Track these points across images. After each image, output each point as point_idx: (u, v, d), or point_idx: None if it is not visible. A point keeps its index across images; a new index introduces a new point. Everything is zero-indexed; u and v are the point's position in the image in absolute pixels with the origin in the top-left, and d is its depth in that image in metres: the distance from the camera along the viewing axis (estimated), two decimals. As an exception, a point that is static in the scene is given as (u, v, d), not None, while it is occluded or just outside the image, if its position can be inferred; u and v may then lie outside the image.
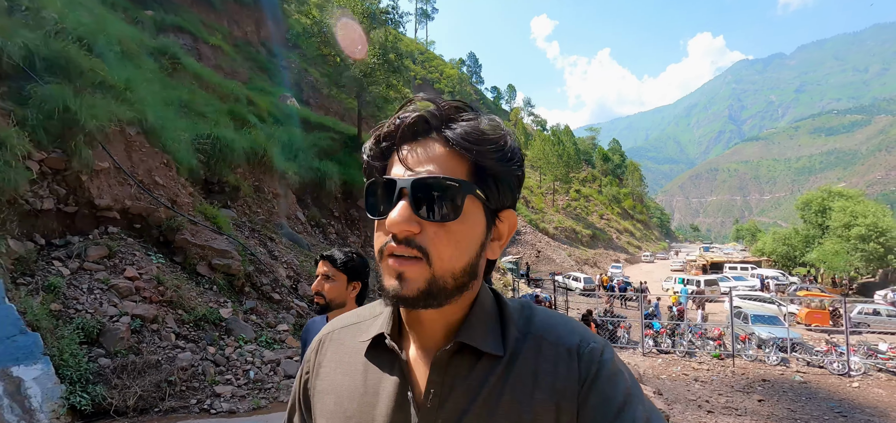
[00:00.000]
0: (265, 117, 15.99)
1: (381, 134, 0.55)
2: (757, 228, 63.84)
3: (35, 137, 5.56)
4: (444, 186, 0.51)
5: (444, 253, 0.51)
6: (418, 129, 0.53)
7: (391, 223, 0.50)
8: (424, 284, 0.50)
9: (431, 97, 0.56)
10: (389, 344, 0.58)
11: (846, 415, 7.83)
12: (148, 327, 5.01)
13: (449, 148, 0.52)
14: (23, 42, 5.82)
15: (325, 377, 0.64)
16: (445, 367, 0.55)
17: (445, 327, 0.56)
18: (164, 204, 7.04)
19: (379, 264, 0.54)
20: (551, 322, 0.58)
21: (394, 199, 0.51)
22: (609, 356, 0.54)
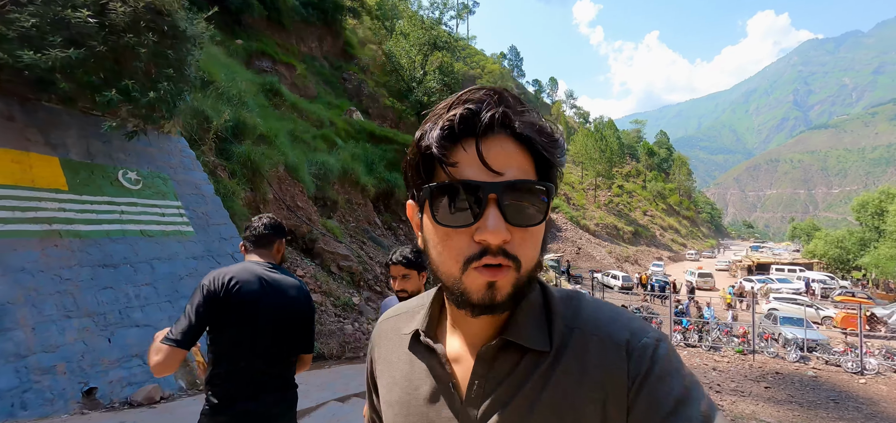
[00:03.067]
0: (343, 137, 18.99)
1: (452, 126, 0.49)
2: (815, 226, 60.86)
3: (237, 181, 8.49)
4: (535, 190, 0.50)
5: (530, 256, 0.51)
6: (493, 123, 0.49)
7: (490, 234, 0.47)
8: (512, 289, 0.50)
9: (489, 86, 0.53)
10: (425, 341, 0.60)
11: (838, 402, 9.45)
12: (321, 306, 7.79)
13: (518, 145, 0.50)
14: (228, 116, 8.75)
15: (381, 364, 0.67)
16: (491, 362, 0.55)
17: (492, 323, 0.55)
18: (304, 222, 9.92)
19: (455, 274, 0.50)
20: (600, 316, 0.55)
21: (473, 205, 0.48)
22: (664, 352, 0.51)
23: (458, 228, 0.49)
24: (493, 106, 0.49)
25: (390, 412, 0.62)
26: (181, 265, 5.21)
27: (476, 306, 0.50)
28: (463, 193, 0.48)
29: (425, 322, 0.61)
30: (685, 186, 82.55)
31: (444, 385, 0.57)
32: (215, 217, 6.34)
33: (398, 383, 0.62)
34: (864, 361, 12.29)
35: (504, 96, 0.51)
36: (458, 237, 0.50)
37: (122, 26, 4.53)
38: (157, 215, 5.36)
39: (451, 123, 0.49)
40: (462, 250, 0.49)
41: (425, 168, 0.52)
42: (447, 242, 0.50)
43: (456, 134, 0.49)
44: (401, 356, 0.64)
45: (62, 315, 3.78)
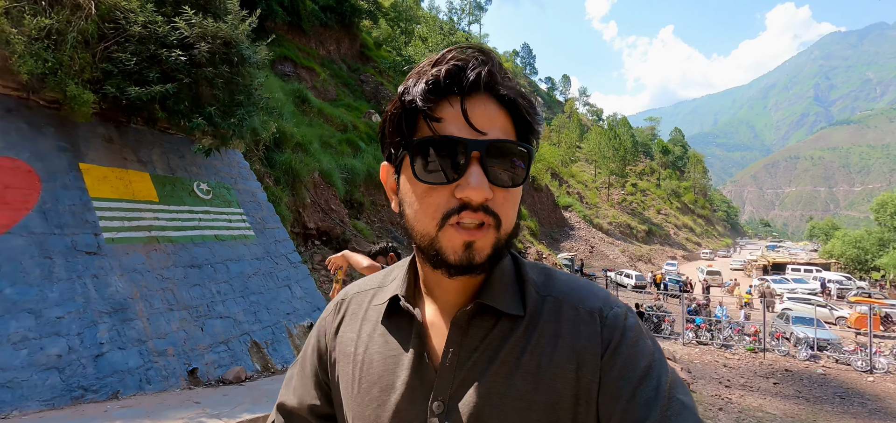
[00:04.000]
0: (365, 140, 19.78)
1: (439, 79, 0.48)
2: (834, 226, 59.91)
3: (281, 187, 9.28)
4: (517, 150, 0.50)
5: (509, 216, 0.51)
6: (477, 82, 0.48)
7: (473, 191, 0.47)
8: (491, 249, 0.50)
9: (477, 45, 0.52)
10: (404, 305, 0.57)
11: (844, 398, 9.88)
12: (356, 304, 8.55)
13: (501, 106, 0.50)
14: (275, 128, 9.55)
15: (344, 338, 0.63)
16: (466, 327, 0.54)
17: (466, 288, 0.55)
18: (338, 223, 10.69)
19: (431, 232, 0.50)
20: (572, 285, 0.57)
21: (460, 161, 0.48)
22: (633, 321, 0.54)
23: (438, 184, 0.48)
24: (479, 65, 0.49)
25: (355, 389, 0.59)
26: (248, 265, 5.99)
27: (453, 266, 0.49)
28: (446, 148, 0.48)
29: (404, 287, 0.59)
30: (700, 185, 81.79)
31: (419, 354, 0.56)
32: (270, 222, 7.12)
33: (368, 358, 0.59)
34: (874, 360, 12.61)
35: (490, 57, 0.51)
36: (438, 193, 0.49)
37: (204, 61, 5.30)
38: (225, 222, 6.15)
39: (437, 77, 0.48)
40: (440, 206, 0.49)
41: (407, 123, 0.51)
42: (425, 198, 0.49)
43: (441, 89, 0.48)
44: (370, 330, 0.61)
45: (166, 308, 4.57)
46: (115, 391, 3.70)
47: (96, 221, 4.48)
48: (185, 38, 5.19)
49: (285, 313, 6.07)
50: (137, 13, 4.98)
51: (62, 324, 3.67)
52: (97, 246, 4.33)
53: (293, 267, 6.93)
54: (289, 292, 6.44)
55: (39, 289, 3.68)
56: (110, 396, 3.64)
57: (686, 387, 0.53)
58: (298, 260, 7.25)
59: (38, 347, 3.44)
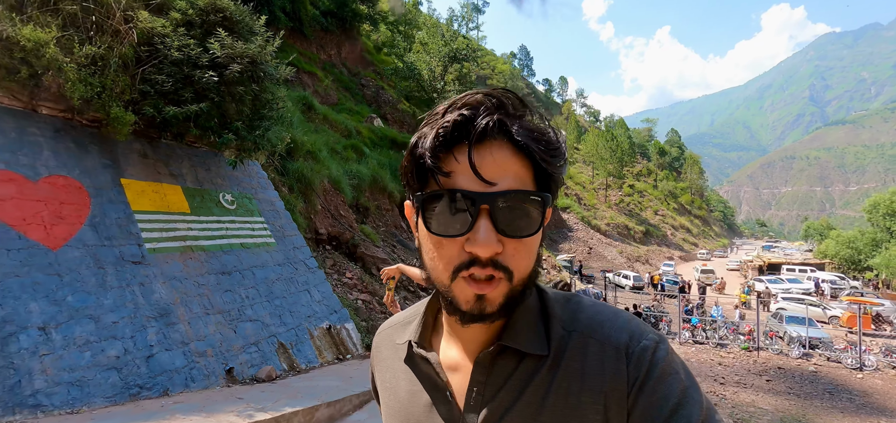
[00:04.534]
0: (369, 145, 20.17)
1: (445, 133, 0.49)
2: (829, 226, 60.69)
3: (295, 195, 9.65)
4: (528, 201, 0.49)
5: (523, 266, 0.50)
6: (488, 131, 0.48)
7: (480, 246, 0.47)
8: (503, 299, 0.50)
9: (488, 89, 0.51)
10: (417, 353, 0.59)
11: (833, 394, 10.33)
12: (368, 304, 8.93)
13: (515, 151, 0.49)
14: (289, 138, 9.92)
15: (381, 372, 0.67)
16: (489, 367, 0.54)
17: (489, 329, 0.55)
18: (347, 228, 11.07)
19: (445, 281, 0.50)
20: (599, 319, 0.55)
21: (465, 214, 0.48)
22: (662, 354, 0.51)
23: (450, 237, 0.48)
24: (489, 112, 0.48)
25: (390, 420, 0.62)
26: (271, 272, 6.37)
27: (465, 314, 0.50)
28: (455, 202, 0.48)
29: (418, 333, 0.60)
30: (697, 185, 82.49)
31: (442, 394, 0.57)
32: (288, 229, 7.50)
33: (397, 394, 0.62)
34: (864, 357, 13.08)
35: (502, 101, 0.50)
36: (450, 246, 0.49)
37: (234, 80, 5.68)
38: (249, 230, 6.53)
39: (445, 130, 0.48)
40: (452, 259, 0.49)
41: (419, 174, 0.51)
42: (439, 250, 0.50)
43: (449, 141, 0.48)
44: (398, 366, 0.63)
45: (203, 312, 4.95)
46: (166, 388, 4.08)
47: (139, 232, 4.86)
48: (216, 58, 5.57)
49: (306, 316, 6.45)
50: (173, 38, 5.36)
51: (117, 328, 4.04)
52: (141, 256, 4.71)
53: (311, 272, 7.31)
54: (308, 296, 6.82)
55: (96, 296, 4.05)
56: (162, 393, 4.02)
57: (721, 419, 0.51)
58: (315, 265, 7.62)
59: (99, 349, 3.82)
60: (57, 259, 3.95)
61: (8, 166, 4.06)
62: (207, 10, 6.01)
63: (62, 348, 3.58)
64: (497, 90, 0.51)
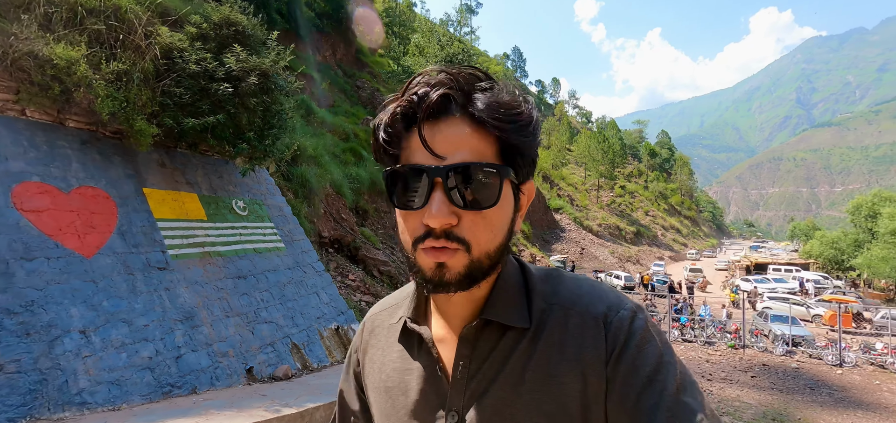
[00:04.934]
0: (367, 148, 20.40)
1: (397, 113, 0.51)
2: (814, 226, 62.10)
3: (299, 199, 9.92)
4: (482, 173, 0.49)
5: (482, 238, 0.51)
6: (440, 107, 0.49)
7: (431, 218, 0.48)
8: (464, 269, 0.50)
9: (442, 67, 0.52)
10: (411, 327, 0.62)
11: (813, 389, 10.86)
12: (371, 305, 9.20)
13: (474, 125, 0.50)
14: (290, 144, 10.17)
15: (372, 355, 0.68)
16: (473, 341, 0.56)
17: (472, 303, 0.57)
18: (349, 232, 11.35)
19: (410, 252, 0.53)
20: (579, 291, 0.57)
21: (425, 188, 0.49)
22: (640, 323, 0.53)
23: (410, 211, 0.51)
24: (439, 88, 0.49)
25: (382, 402, 0.63)
26: (282, 275, 6.65)
27: (428, 282, 0.51)
28: (411, 177, 0.50)
29: (411, 308, 0.63)
30: (687, 186, 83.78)
31: (432, 369, 0.59)
32: (296, 234, 7.78)
33: (389, 373, 0.63)
34: (843, 354, 13.68)
35: (457, 77, 0.50)
36: (412, 219, 0.51)
37: (248, 92, 5.96)
38: (260, 236, 6.80)
39: (401, 108, 0.50)
40: (413, 231, 0.51)
41: (383, 154, 0.54)
42: (404, 223, 0.53)
43: (407, 119, 0.50)
44: (390, 346, 0.65)
45: (223, 315, 5.23)
46: (194, 386, 4.36)
47: (162, 239, 5.12)
48: (231, 71, 5.85)
49: (316, 318, 6.74)
50: (190, 52, 5.62)
51: (148, 331, 4.31)
52: (165, 262, 4.97)
53: (318, 275, 7.60)
54: (317, 298, 7.11)
55: (128, 301, 4.32)
56: (191, 391, 4.30)
57: (697, 387, 0.52)
58: (322, 269, 7.91)
59: (134, 351, 4.09)
60: (91, 266, 4.21)
61: (42, 178, 4.31)
62: (221, 24, 6.28)
63: (101, 350, 3.85)
64: (455, 68, 0.52)
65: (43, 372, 3.38)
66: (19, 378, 3.23)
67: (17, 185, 4.05)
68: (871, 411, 9.68)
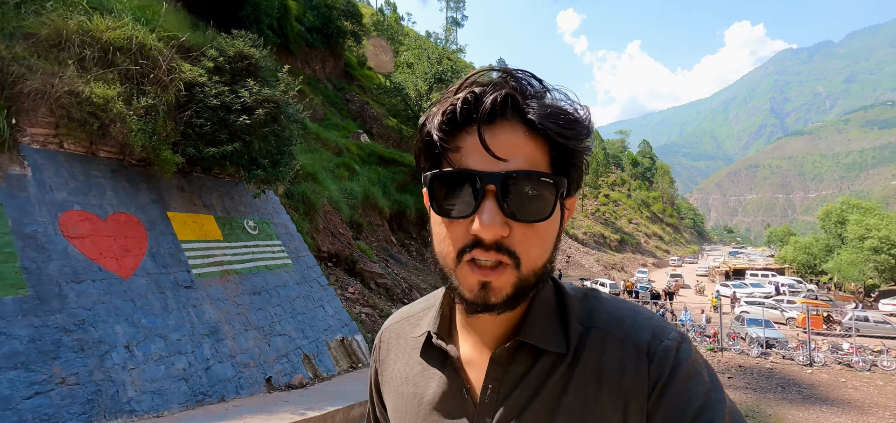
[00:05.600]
0: (358, 162, 20.88)
1: (454, 111, 0.48)
2: (790, 232, 64.58)
3: (301, 216, 10.33)
4: (539, 183, 0.46)
5: (533, 254, 0.48)
6: (499, 109, 0.47)
7: (483, 228, 0.45)
8: (512, 289, 0.47)
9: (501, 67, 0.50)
10: (437, 344, 0.58)
11: (784, 388, 11.65)
12: (371, 317, 9.67)
13: (529, 132, 0.47)
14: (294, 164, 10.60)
15: (390, 368, 0.64)
16: (506, 364, 0.53)
17: (505, 323, 0.54)
18: (346, 246, 11.79)
19: (449, 266, 0.49)
20: (619, 315, 0.53)
21: (475, 195, 0.46)
22: (686, 354, 0.49)
23: (454, 219, 0.48)
24: (499, 89, 0.47)
25: (400, 420, 0.60)
26: (292, 290, 7.09)
27: (469, 303, 0.49)
28: (461, 182, 0.47)
29: (437, 323, 0.59)
30: (668, 194, 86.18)
31: (457, 390, 0.55)
32: (301, 250, 8.21)
33: (408, 390, 0.60)
34: (813, 355, 14.60)
35: (516, 79, 0.48)
36: (456, 228, 0.48)
37: (261, 122, 6.43)
38: (270, 253, 7.23)
39: (454, 107, 0.47)
40: (456, 241, 0.48)
41: (429, 155, 0.50)
42: (446, 231, 0.49)
43: (458, 120, 0.47)
44: (411, 361, 0.62)
45: (243, 329, 5.65)
46: (222, 395, 4.78)
47: (187, 260, 5.54)
48: (246, 103, 6.32)
49: (323, 330, 7.18)
50: (210, 86, 6.09)
51: (181, 345, 4.73)
52: (191, 281, 5.39)
53: (323, 289, 8.04)
54: (323, 311, 7.55)
55: (162, 318, 4.73)
56: (220, 399, 4.72)
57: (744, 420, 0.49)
58: (326, 283, 8.35)
59: (170, 363, 4.50)
60: (129, 287, 4.62)
61: (82, 207, 4.72)
62: (236, 58, 6.77)
63: (143, 363, 4.25)
64: (511, 69, 0.50)
65: (97, 384, 3.79)
66: (79, 390, 3.64)
67: (62, 213, 4.45)
68: (835, 406, 10.48)
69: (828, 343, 17.26)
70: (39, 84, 4.68)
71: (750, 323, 17.99)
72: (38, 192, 4.34)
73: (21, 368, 3.39)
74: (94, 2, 5.82)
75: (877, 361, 14.19)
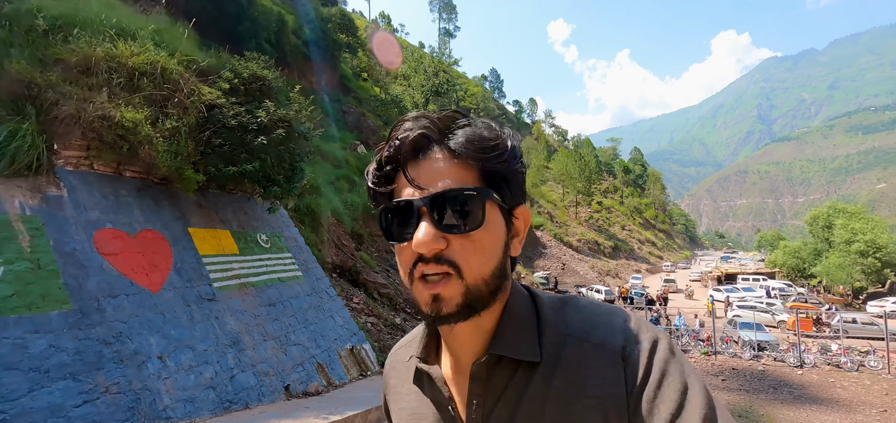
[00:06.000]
0: (357, 173, 21.16)
1: (383, 158, 0.55)
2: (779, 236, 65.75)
3: (307, 228, 10.60)
4: (462, 197, 0.51)
5: (474, 263, 0.51)
6: (420, 145, 0.53)
7: (418, 244, 0.50)
8: (461, 297, 0.51)
9: (422, 112, 0.57)
10: (419, 366, 0.61)
11: (776, 389, 12.05)
12: (376, 326, 9.92)
13: (455, 159, 0.53)
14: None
15: (393, 397, 0.69)
16: (486, 379, 0.55)
17: (481, 337, 0.56)
18: (350, 257, 12.05)
19: (411, 289, 0.54)
20: (593, 321, 0.55)
21: (413, 220, 0.51)
22: (662, 354, 0.51)
23: (402, 243, 0.53)
24: (418, 129, 0.53)
25: None
26: (303, 301, 7.35)
27: (427, 316, 0.52)
28: (397, 213, 0.53)
29: (420, 347, 0.63)
30: (660, 200, 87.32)
31: (445, 409, 0.58)
32: (310, 262, 8.48)
33: (407, 414, 0.64)
34: (803, 356, 15.06)
35: (429, 118, 0.54)
36: (404, 252, 0.53)
37: (277, 141, 6.74)
38: (282, 266, 7.50)
39: (381, 159, 0.55)
40: (407, 262, 0.52)
41: (375, 197, 0.56)
42: (399, 256, 0.55)
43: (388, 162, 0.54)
44: (408, 386, 0.65)
45: (262, 339, 5.91)
46: (246, 402, 5.03)
47: (208, 274, 5.80)
48: (263, 124, 6.64)
49: (334, 339, 7.44)
50: (228, 108, 6.40)
51: (207, 355, 4.98)
52: (213, 294, 5.65)
53: (332, 300, 8.30)
54: (333, 321, 7.81)
55: (189, 330, 4.99)
56: (244, 406, 4.96)
57: (726, 416, 0.50)
58: (334, 294, 8.61)
59: (199, 372, 4.75)
60: (159, 300, 4.88)
61: (113, 225, 4.98)
62: (250, 79, 7.09)
63: (175, 373, 4.50)
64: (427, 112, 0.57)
65: (136, 393, 4.04)
66: (121, 399, 3.89)
67: (96, 231, 4.71)
68: (824, 405, 10.89)
69: (818, 345, 17.76)
70: (73, 109, 4.97)
71: (742, 327, 18.44)
72: (73, 212, 4.60)
73: (70, 378, 3.64)
74: (117, 26, 6.13)
75: (864, 361, 14.66)
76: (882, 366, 14.16)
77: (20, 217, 4.08)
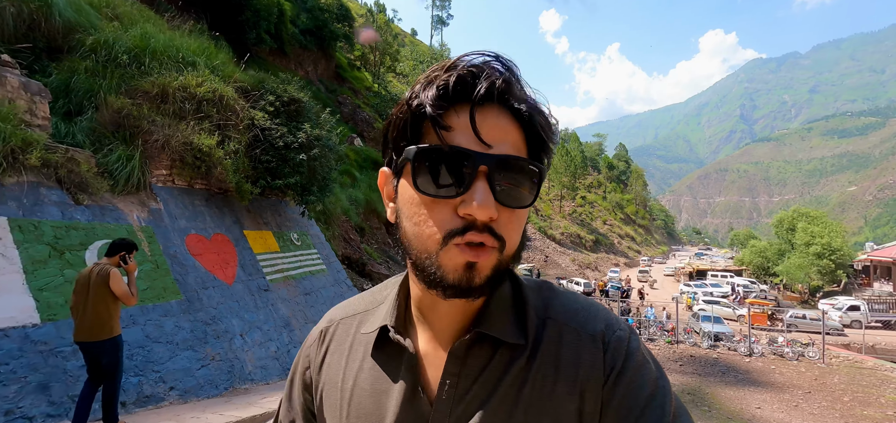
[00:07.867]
0: (357, 168, 22.37)
1: (447, 87, 0.46)
2: (751, 235, 69.28)
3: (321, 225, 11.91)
4: (528, 170, 0.47)
5: (514, 239, 0.48)
6: (492, 93, 0.46)
7: (476, 209, 0.44)
8: (491, 272, 0.47)
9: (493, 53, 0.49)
10: (394, 337, 0.55)
11: (724, 373, 14.02)
12: (384, 315, 11.37)
13: (514, 122, 0.48)
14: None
15: (332, 372, 0.60)
16: (464, 358, 0.52)
17: (463, 314, 0.52)
18: (357, 250, 13.42)
19: (431, 248, 0.47)
20: (573, 307, 0.55)
21: (465, 176, 0.45)
22: (636, 344, 0.52)
23: (441, 199, 0.46)
24: (493, 75, 0.46)
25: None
26: (330, 291, 8.75)
27: (450, 287, 0.46)
28: (452, 160, 0.45)
29: (393, 316, 0.56)
30: (641, 197, 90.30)
31: (411, 387, 0.53)
32: (331, 257, 9.86)
33: (358, 395, 0.56)
34: (753, 346, 17.17)
35: (507, 67, 0.48)
36: (441, 208, 0.46)
37: (316, 157, 8.06)
38: (311, 261, 8.86)
39: (447, 83, 0.46)
40: (444, 223, 0.46)
41: (413, 130, 0.48)
42: (428, 212, 0.46)
43: (450, 97, 0.46)
44: (358, 362, 0.58)
45: (305, 322, 7.31)
46: (299, 371, 6.45)
47: (261, 269, 7.15)
48: (303, 142, 7.93)
49: (355, 324, 8.87)
50: (275, 129, 7.68)
51: (270, 333, 6.36)
52: (267, 286, 7.01)
53: (350, 289, 9.71)
54: (353, 308, 9.23)
55: (255, 314, 6.35)
56: (299, 374, 6.39)
57: (688, 414, 0.52)
58: (351, 285, 10.02)
59: (267, 348, 6.14)
60: (233, 291, 6.22)
61: (196, 231, 6.28)
62: (288, 102, 8.35)
63: (252, 347, 5.89)
64: (502, 57, 0.50)
65: (230, 361, 5.42)
66: (222, 365, 5.26)
67: (186, 236, 6.02)
68: (761, 387, 12.86)
69: (767, 337, 19.98)
70: (162, 136, 6.22)
71: (703, 319, 20.57)
72: (169, 221, 5.90)
73: (190, 349, 5.00)
74: (173, 53, 7.31)
75: (804, 352, 16.87)
76: (819, 356, 16.36)
77: (139, 227, 5.38)
